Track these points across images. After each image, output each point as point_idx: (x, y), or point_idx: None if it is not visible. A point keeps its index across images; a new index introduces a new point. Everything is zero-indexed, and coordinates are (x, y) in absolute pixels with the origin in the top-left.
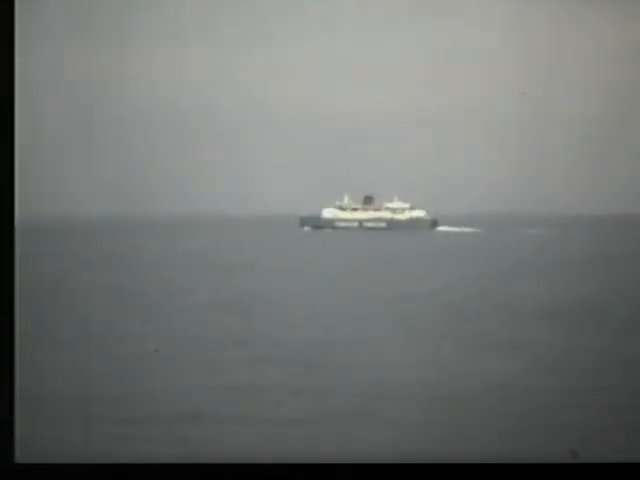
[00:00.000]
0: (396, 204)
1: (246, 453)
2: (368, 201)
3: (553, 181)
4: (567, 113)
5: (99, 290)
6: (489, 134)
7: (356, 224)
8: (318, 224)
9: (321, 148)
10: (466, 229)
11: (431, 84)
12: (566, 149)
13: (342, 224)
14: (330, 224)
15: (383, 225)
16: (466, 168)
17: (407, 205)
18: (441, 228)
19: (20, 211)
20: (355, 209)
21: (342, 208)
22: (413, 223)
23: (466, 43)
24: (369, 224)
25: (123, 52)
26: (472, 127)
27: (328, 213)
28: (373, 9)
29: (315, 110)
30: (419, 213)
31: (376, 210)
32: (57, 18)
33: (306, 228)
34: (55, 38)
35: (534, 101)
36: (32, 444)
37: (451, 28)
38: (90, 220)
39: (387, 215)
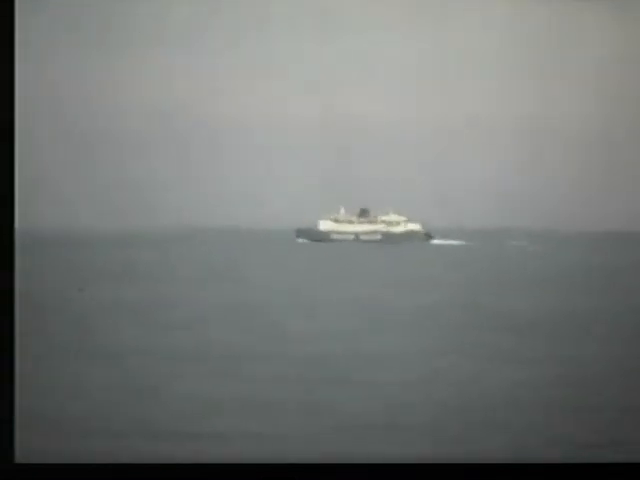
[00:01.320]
0: (392, 217)
1: (246, 453)
2: (364, 214)
3: (547, 195)
4: (568, 126)
5: (96, 299)
6: (488, 147)
7: (352, 236)
8: (314, 236)
9: (318, 161)
10: (459, 242)
11: (431, 97)
12: (566, 163)
13: (338, 236)
14: (326, 236)
15: (378, 237)
16: (464, 181)
17: (403, 218)
18: (435, 241)
19: (19, 223)
20: (351, 222)
21: (338, 220)
22: (408, 236)
23: (466, 54)
24: (364, 237)
25: (121, 63)
26: (471, 140)
27: (324, 225)
28: (372, 21)
29: (312, 122)
30: (414, 226)
31: (371, 223)
32: (55, 29)
33: (302, 240)
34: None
35: (535, 113)
36: (32, 444)
37: (453, 40)
38: (86, 232)
39: (382, 228)
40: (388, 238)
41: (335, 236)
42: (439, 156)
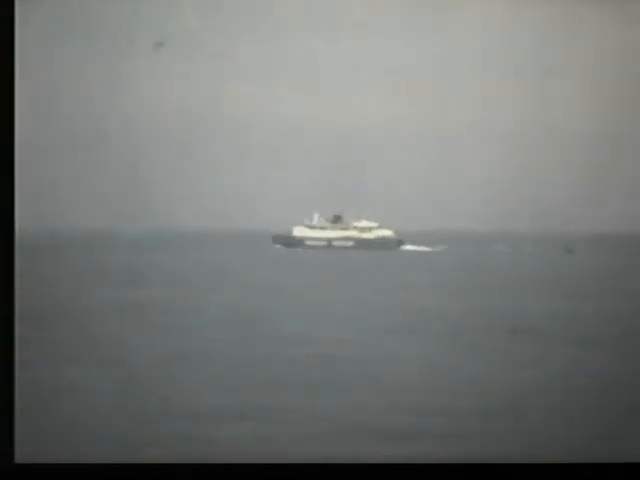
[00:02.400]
0: (364, 223)
1: (246, 453)
2: (337, 220)
3: (517, 199)
4: (565, 128)
5: (96, 301)
6: (480, 150)
7: (325, 242)
8: (289, 242)
9: (292, 167)
10: (430, 248)
11: (407, 102)
12: (562, 164)
13: (311, 242)
14: (300, 242)
15: (351, 244)
16: (447, 185)
17: (374, 224)
18: (406, 247)
19: (20, 225)
20: (324, 228)
21: (311, 227)
22: (380, 242)
23: (463, 54)
24: (337, 243)
25: (123, 65)
26: (462, 143)
27: (298, 231)
28: (370, 23)
29: (285, 129)
30: (386, 232)
31: (344, 229)
32: (57, 30)
33: (278, 246)
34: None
35: (531, 115)
36: (32, 444)
37: (439, 47)
38: (83, 235)
39: (355, 234)
40: (360, 244)
41: (308, 242)
42: (425, 159)
